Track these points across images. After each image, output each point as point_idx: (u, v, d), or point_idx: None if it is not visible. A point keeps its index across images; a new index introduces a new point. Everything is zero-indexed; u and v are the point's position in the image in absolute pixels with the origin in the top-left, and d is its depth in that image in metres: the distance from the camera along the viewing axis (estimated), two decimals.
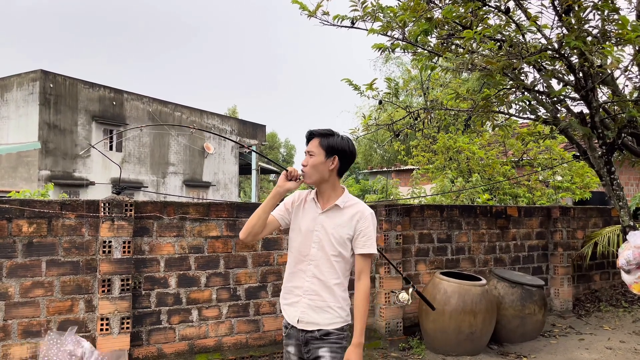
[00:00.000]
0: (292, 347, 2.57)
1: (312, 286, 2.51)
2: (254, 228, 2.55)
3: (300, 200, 2.66)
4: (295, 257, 2.58)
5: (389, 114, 7.62)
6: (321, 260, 2.51)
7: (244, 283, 5.01)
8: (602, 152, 5.03)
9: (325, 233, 2.52)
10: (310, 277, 2.51)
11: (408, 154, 13.22)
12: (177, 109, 24.70)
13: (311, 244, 2.53)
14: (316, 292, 2.50)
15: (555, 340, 5.89)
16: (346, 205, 2.55)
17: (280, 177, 2.55)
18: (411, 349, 5.42)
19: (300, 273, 2.55)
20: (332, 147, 2.53)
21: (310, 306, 2.50)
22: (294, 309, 2.54)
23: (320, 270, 2.50)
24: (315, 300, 2.49)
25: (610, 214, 8.07)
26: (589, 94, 4.66)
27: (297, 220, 2.62)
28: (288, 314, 2.58)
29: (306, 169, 2.53)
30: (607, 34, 4.20)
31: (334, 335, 2.49)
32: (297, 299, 2.54)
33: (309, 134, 2.59)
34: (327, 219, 2.54)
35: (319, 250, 2.52)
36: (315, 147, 2.53)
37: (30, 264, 4.12)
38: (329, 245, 2.50)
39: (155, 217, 4.63)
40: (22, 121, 19.29)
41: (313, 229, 2.54)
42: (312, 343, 2.50)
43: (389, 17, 4.63)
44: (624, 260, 4.81)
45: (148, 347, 4.53)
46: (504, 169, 9.27)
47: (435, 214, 6.26)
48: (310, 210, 2.60)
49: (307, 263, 2.53)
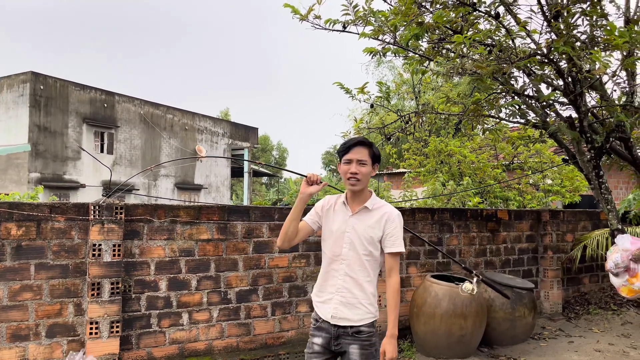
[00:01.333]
0: (320, 339, 2.73)
1: (344, 284, 2.70)
2: (287, 235, 2.77)
3: (330, 204, 2.84)
4: (328, 258, 2.77)
5: (381, 117, 7.65)
6: (353, 259, 2.70)
7: (234, 286, 5.00)
8: (590, 156, 5.08)
9: (356, 234, 2.71)
10: (343, 276, 2.71)
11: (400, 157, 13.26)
12: (169, 111, 24.61)
13: (343, 244, 2.72)
14: (348, 289, 2.69)
15: (545, 342, 5.93)
16: (374, 207, 2.75)
17: (302, 184, 2.75)
18: (402, 352, 5.43)
19: (333, 272, 2.74)
20: (377, 156, 2.77)
21: (342, 302, 2.69)
22: (327, 306, 2.72)
23: (352, 268, 2.70)
24: (347, 297, 2.69)
25: (599, 217, 8.14)
26: (578, 98, 4.71)
27: (328, 223, 2.80)
28: (321, 310, 2.76)
29: (359, 176, 2.68)
30: (596, 39, 4.25)
31: (365, 333, 2.69)
32: (330, 296, 2.72)
33: (358, 142, 2.73)
34: (357, 220, 2.73)
35: (350, 250, 2.71)
36: (367, 156, 2.71)
37: (19, 267, 4.09)
38: (360, 245, 2.70)
39: (146, 220, 4.61)
40: (12, 123, 19.13)
41: (344, 230, 2.73)
42: (343, 338, 2.68)
43: (380, 21, 4.66)
44: (613, 263, 4.86)
45: (138, 351, 4.51)
46: (495, 172, 9.33)
47: (426, 217, 6.29)
48: (341, 213, 2.78)
49: (340, 262, 2.72)
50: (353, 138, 2.78)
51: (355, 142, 2.73)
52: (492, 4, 4.49)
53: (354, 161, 2.69)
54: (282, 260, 5.26)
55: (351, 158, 2.70)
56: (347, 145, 2.73)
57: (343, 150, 2.74)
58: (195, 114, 26.05)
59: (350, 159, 2.70)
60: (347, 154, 2.72)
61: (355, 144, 2.72)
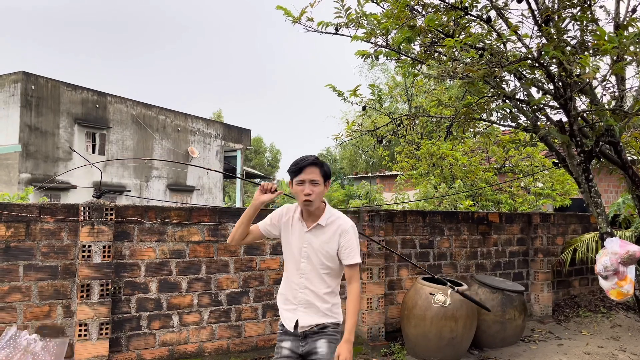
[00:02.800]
0: (288, 342, 2.78)
1: (305, 297, 2.75)
2: (235, 235, 2.84)
3: (288, 216, 2.85)
4: (289, 270, 2.83)
5: (373, 120, 7.67)
6: (311, 274, 2.75)
7: (225, 288, 4.99)
8: (580, 159, 5.12)
9: (312, 249, 2.75)
10: (303, 289, 2.75)
11: (392, 160, 13.28)
12: (162, 112, 24.52)
13: (301, 259, 2.76)
14: (309, 301, 2.74)
15: (535, 345, 5.96)
16: (328, 222, 2.76)
17: (256, 192, 2.78)
18: (393, 355, 5.43)
19: (294, 285, 2.78)
20: (327, 174, 2.78)
21: (306, 313, 2.74)
22: (292, 315, 2.77)
23: (311, 282, 2.75)
24: (309, 308, 2.74)
25: (589, 221, 8.20)
26: (568, 102, 4.75)
27: (287, 236, 2.84)
28: (285, 317, 2.81)
29: (312, 197, 2.66)
30: (585, 44, 4.29)
31: (330, 328, 2.75)
32: (294, 307, 2.78)
33: (310, 163, 2.70)
34: (312, 236, 2.77)
35: (308, 264, 2.76)
36: (318, 175, 2.71)
37: (7, 269, 4.05)
38: (317, 260, 2.74)
39: (136, 221, 4.59)
40: (3, 123, 18.98)
41: (301, 246, 2.77)
42: (310, 337, 2.74)
43: (373, 24, 4.67)
44: (602, 266, 4.89)
45: (127, 353, 4.48)
46: (487, 175, 9.38)
47: (418, 220, 6.30)
48: (297, 227, 2.80)
49: (299, 276, 2.77)
50: (304, 158, 2.73)
51: (307, 162, 2.70)
52: (483, 8, 4.52)
53: (306, 182, 2.67)
54: (274, 262, 5.25)
55: (304, 179, 2.68)
56: (299, 166, 2.70)
57: (295, 170, 2.71)
58: (188, 116, 25.98)
59: (303, 179, 2.68)
60: (299, 175, 2.69)
61: (308, 165, 2.70)
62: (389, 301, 5.90)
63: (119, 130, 22.28)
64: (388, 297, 5.89)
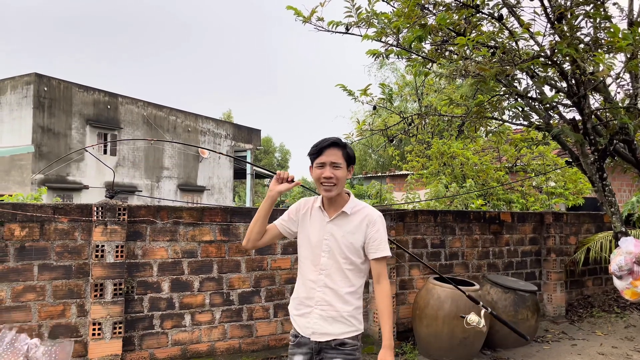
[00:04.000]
0: (301, 356, 2.50)
1: (324, 296, 2.46)
2: (251, 235, 2.56)
3: (305, 208, 2.60)
4: (306, 267, 2.54)
5: (384, 119, 7.65)
6: (332, 269, 2.46)
7: (237, 288, 5.00)
8: (594, 158, 5.07)
9: (335, 241, 2.47)
10: (322, 287, 2.46)
11: (402, 159, 13.25)
12: (172, 113, 24.67)
13: (321, 253, 2.48)
14: (328, 302, 2.45)
15: (548, 345, 5.91)
16: (353, 211, 2.51)
17: (272, 181, 2.54)
18: (404, 354, 5.42)
19: (311, 283, 2.49)
20: (351, 157, 2.53)
21: (323, 317, 2.45)
22: (306, 320, 2.48)
23: (332, 279, 2.46)
24: (328, 310, 2.44)
25: (602, 220, 8.12)
26: (581, 100, 4.70)
27: (305, 229, 2.57)
28: (299, 324, 2.53)
29: (334, 180, 2.44)
30: (599, 41, 4.25)
31: (349, 346, 2.45)
32: (309, 309, 2.48)
33: (330, 143, 2.48)
34: (335, 226, 2.50)
35: (329, 259, 2.47)
36: (341, 158, 2.47)
37: (22, 268, 4.10)
38: (340, 254, 2.46)
39: (149, 221, 4.62)
40: (16, 124, 19.20)
41: (322, 238, 2.49)
42: (325, 352, 2.45)
43: (383, 23, 4.66)
44: (616, 266, 4.84)
45: (140, 352, 4.51)
46: (498, 174, 9.31)
47: (429, 219, 6.28)
48: (318, 218, 2.54)
49: (318, 273, 2.48)
50: (325, 139, 2.50)
51: (328, 143, 2.47)
52: (495, 6, 4.49)
53: (327, 164, 2.44)
54: (285, 262, 5.26)
55: (324, 161, 2.45)
56: (319, 147, 2.47)
57: (315, 152, 2.48)
58: (198, 116, 26.11)
59: (324, 162, 2.45)
60: (319, 157, 2.47)
61: (328, 146, 2.47)
62: (401, 301, 5.89)
63: (130, 130, 22.45)
64: (399, 296, 5.87)
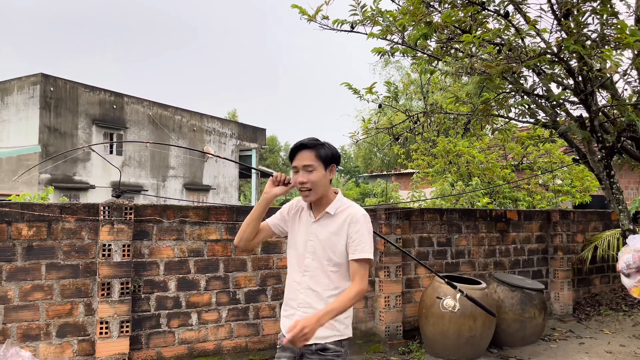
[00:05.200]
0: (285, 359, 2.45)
1: (306, 298, 2.40)
2: (244, 234, 2.50)
3: (297, 208, 2.55)
4: (292, 268, 2.50)
5: (389, 117, 7.64)
6: (316, 271, 2.39)
7: (243, 287, 5.01)
8: (601, 155, 5.04)
9: (319, 242, 2.41)
10: (305, 289, 2.40)
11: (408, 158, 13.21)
12: (177, 112, 24.72)
13: (305, 254, 2.43)
14: (310, 304, 2.38)
15: (556, 344, 5.88)
16: (338, 211, 2.42)
17: (267, 184, 2.45)
18: (411, 353, 5.41)
19: (295, 285, 2.45)
20: (328, 156, 2.40)
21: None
22: (290, 322, 2.37)
23: (316, 281, 2.39)
24: (309, 313, 2.31)
25: (610, 218, 8.07)
26: (588, 97, 4.68)
27: (294, 230, 2.53)
28: (283, 324, 2.50)
29: (307, 185, 2.35)
30: (606, 38, 4.22)
31: (331, 351, 2.37)
32: (293, 311, 2.44)
33: (299, 146, 2.39)
34: (320, 227, 2.43)
35: (313, 261, 2.40)
36: (313, 160, 2.36)
37: (30, 268, 4.12)
38: (324, 255, 2.39)
39: (155, 220, 4.63)
40: (23, 124, 19.31)
41: (307, 239, 2.44)
42: (307, 357, 2.38)
43: (389, 21, 4.65)
44: (624, 263, 4.81)
45: (147, 351, 4.53)
46: (504, 172, 9.28)
47: (435, 218, 6.26)
48: (305, 219, 2.49)
49: (302, 274, 2.42)
50: (298, 142, 2.41)
51: (296, 145, 2.38)
52: (501, 2, 4.47)
53: (299, 168, 2.36)
54: None
55: (296, 165, 2.37)
56: (290, 151, 2.40)
57: (289, 157, 2.42)
58: (203, 115, 26.16)
59: (296, 166, 2.37)
60: (292, 161, 2.38)
61: (297, 149, 2.37)
62: (407, 299, 5.88)
63: (136, 130, 22.52)
64: (405, 295, 5.86)
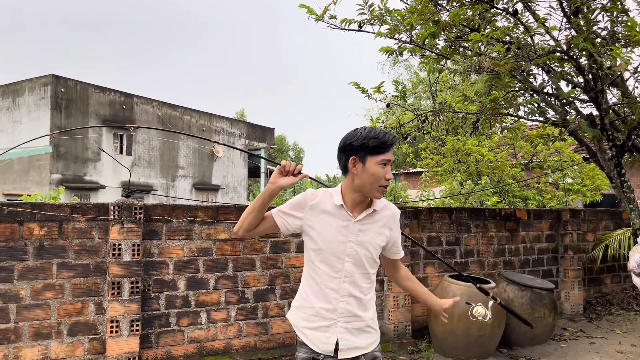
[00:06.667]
0: None
1: (348, 307, 2.15)
2: (244, 223, 2.18)
3: (315, 201, 2.19)
4: (323, 273, 2.17)
5: (397, 116, 7.62)
6: (358, 276, 2.17)
7: (252, 286, 5.03)
8: (612, 154, 5.00)
9: (362, 245, 2.16)
10: (346, 297, 2.15)
11: (417, 157, 13.19)
12: (187, 112, 24.85)
13: (345, 258, 2.15)
14: (353, 312, 2.16)
15: (566, 343, 5.84)
16: (381, 208, 2.24)
17: (273, 173, 2.13)
18: (420, 352, 5.40)
19: (331, 292, 2.15)
20: None
21: (349, 330, 2.15)
22: (325, 335, 2.15)
23: (357, 286, 2.17)
24: (353, 321, 2.16)
25: (621, 217, 8.00)
26: (599, 95, 4.64)
27: (317, 229, 2.18)
28: (316, 340, 2.16)
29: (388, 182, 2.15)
30: (616, 35, 4.19)
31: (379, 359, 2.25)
32: (329, 322, 2.15)
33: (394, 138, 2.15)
34: (363, 227, 2.18)
35: (354, 265, 2.16)
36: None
37: (41, 267, 4.17)
38: (368, 258, 2.18)
39: (165, 220, 4.66)
40: (34, 125, 19.50)
41: (346, 240, 2.15)
42: None
43: (396, 20, 4.64)
44: (635, 263, 4.76)
45: (157, 350, 4.56)
46: (514, 171, 9.23)
47: (443, 217, 6.24)
48: (337, 216, 2.17)
49: (341, 280, 2.15)
50: (388, 133, 2.13)
51: (395, 140, 2.14)
52: (509, 0, 4.45)
53: (389, 164, 2.11)
54: (300, 260, 5.27)
55: (389, 159, 2.10)
56: (388, 143, 2.10)
57: (378, 146, 2.08)
58: (212, 115, 26.27)
59: (388, 160, 2.10)
60: (385, 154, 2.09)
61: (394, 144, 2.13)
62: (416, 298, 5.86)
63: (146, 130, 22.66)
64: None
